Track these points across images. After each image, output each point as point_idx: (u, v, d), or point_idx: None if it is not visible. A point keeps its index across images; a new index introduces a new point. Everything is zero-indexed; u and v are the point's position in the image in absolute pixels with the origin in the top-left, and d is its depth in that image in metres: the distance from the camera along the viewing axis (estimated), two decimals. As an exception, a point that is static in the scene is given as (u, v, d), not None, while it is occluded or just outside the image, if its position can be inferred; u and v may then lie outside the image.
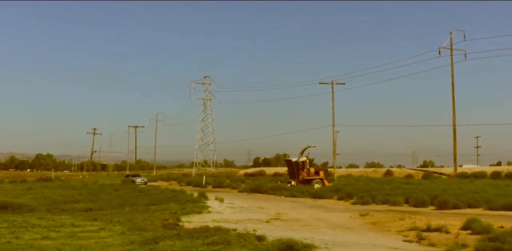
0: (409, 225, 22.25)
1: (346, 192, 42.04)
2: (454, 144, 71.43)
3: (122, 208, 31.36)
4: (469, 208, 30.27)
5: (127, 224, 21.94)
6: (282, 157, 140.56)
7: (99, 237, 17.77)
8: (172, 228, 20.21)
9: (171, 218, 24.88)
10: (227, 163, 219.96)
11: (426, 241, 17.75)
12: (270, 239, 15.02)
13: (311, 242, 14.42)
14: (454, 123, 71.03)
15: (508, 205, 28.74)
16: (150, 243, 15.21)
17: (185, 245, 14.56)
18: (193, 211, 29.68)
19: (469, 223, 20.16)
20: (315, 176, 56.16)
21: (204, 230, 18.14)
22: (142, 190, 52.13)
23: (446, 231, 19.80)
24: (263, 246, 13.51)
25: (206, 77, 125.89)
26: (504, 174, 65.02)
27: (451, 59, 71.40)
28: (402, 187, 47.38)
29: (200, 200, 37.94)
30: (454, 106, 71.00)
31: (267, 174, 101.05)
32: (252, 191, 53.95)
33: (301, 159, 56.36)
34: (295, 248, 13.25)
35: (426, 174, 74.27)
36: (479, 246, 15.36)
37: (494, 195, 34.27)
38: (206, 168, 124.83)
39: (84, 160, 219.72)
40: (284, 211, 30.65)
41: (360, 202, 36.32)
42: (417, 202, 32.97)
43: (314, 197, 43.19)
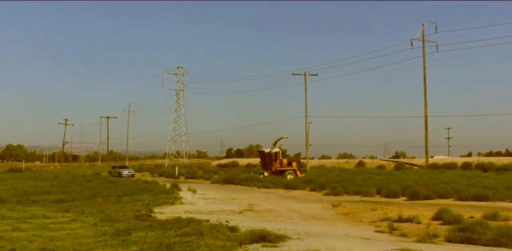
0: (381, 216, 22.44)
1: (318, 183, 42.20)
2: (425, 135, 72.06)
3: (94, 199, 31.12)
4: (440, 199, 30.55)
5: (99, 215, 21.78)
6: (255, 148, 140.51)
7: (71, 228, 17.62)
8: (144, 219, 20.12)
9: (144, 209, 24.78)
10: (200, 153, 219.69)
11: (398, 232, 17.90)
12: (243, 230, 15.01)
13: (283, 233, 14.43)
14: (425, 114, 71.65)
15: (478, 196, 29.07)
16: (122, 234, 15.13)
17: (158, 236, 14.50)
18: (165, 202, 29.58)
19: (440, 214, 20.38)
20: (288, 167, 56.26)
21: (177, 221, 18.07)
22: (114, 181, 51.86)
23: (418, 222, 20.01)
24: (236, 237, 13.49)
25: (179, 68, 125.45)
26: (474, 164, 65.70)
27: (423, 51, 72.02)
28: (374, 177, 47.69)
29: (172, 191, 37.82)
30: (425, 98, 71.60)
31: (240, 165, 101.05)
32: (225, 182, 53.97)
33: (274, 150, 56.39)
34: (267, 239, 13.26)
35: (398, 164, 74.82)
36: (450, 236, 15.53)
37: (465, 185, 34.63)
38: (178, 159, 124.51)
39: (55, 151, 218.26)
40: (257, 202, 30.68)
41: (333, 193, 36.49)
42: (389, 192, 33.23)
43: (286, 188, 43.31)
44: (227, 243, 12.58)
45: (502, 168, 60.13)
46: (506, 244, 13.50)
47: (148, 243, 13.31)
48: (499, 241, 13.84)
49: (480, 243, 14.20)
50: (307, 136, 72.16)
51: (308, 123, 72.27)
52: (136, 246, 12.88)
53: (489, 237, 14.30)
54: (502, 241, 13.73)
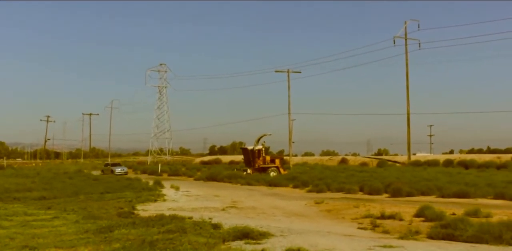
0: (364, 213, 22.51)
1: (301, 180, 42.27)
2: (408, 132, 72.32)
3: (76, 196, 31.03)
4: (422, 196, 30.69)
5: (81, 212, 21.71)
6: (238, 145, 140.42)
7: (53, 225, 17.56)
8: (127, 216, 20.08)
9: (126, 206, 24.71)
10: (183, 151, 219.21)
11: (380, 228, 17.96)
12: (226, 227, 15.01)
13: (266, 230, 14.45)
14: (408, 112, 71.89)
15: (460, 193, 29.23)
16: (104, 232, 15.09)
17: (140, 233, 14.47)
18: (148, 199, 29.53)
19: (422, 210, 20.48)
20: (271, 164, 56.35)
21: (160, 218, 18.05)
22: (97, 178, 51.69)
23: (400, 218, 20.09)
24: (219, 234, 13.49)
25: (161, 65, 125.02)
26: (456, 162, 66.04)
27: (406, 49, 72.10)
28: (357, 175, 47.84)
29: (155, 188, 37.77)
30: (408, 95, 71.80)
31: (223, 162, 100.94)
32: (208, 179, 53.96)
33: (257, 147, 56.45)
34: (250, 236, 13.26)
35: (381, 162, 75.06)
36: (432, 233, 15.60)
37: (447, 182, 34.79)
38: (161, 156, 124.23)
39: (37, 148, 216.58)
40: (240, 199, 30.69)
41: (316, 190, 36.55)
42: (371, 189, 33.35)
43: (270, 185, 43.35)
44: (210, 240, 12.57)
45: (484, 165, 60.49)
46: (487, 240, 13.58)
47: (130, 240, 13.28)
48: (480, 237, 13.93)
49: (462, 240, 14.29)
50: (290, 133, 72.36)
51: (291, 121, 72.46)
52: (119, 243, 12.84)
53: (471, 234, 14.38)
54: (484, 238, 13.82)
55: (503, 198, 27.65)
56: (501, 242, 13.26)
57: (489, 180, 36.00)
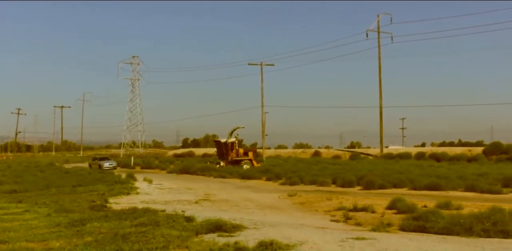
0: (337, 205, 22.62)
1: (274, 173, 42.37)
2: (380, 125, 72.81)
3: (48, 189, 30.76)
4: (395, 188, 30.91)
5: (53, 206, 21.52)
6: (211, 138, 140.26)
7: (24, 219, 17.38)
8: (99, 209, 19.94)
9: (99, 199, 24.55)
10: (156, 143, 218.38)
11: (353, 221, 18.07)
12: (199, 219, 14.98)
13: (240, 223, 14.45)
14: (380, 105, 72.36)
15: (431, 185, 29.50)
16: (77, 225, 14.97)
17: (113, 226, 14.39)
18: (121, 192, 29.38)
19: (394, 203, 20.64)
20: (244, 156, 56.45)
21: (132, 211, 17.97)
22: (68, 171, 51.32)
23: (372, 211, 20.22)
24: (192, 227, 13.46)
25: (134, 57, 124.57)
26: (428, 154, 66.70)
27: (378, 42, 72.57)
28: (330, 167, 48.04)
29: (128, 181, 37.60)
30: (380, 89, 72.28)
31: (196, 154, 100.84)
32: (181, 172, 53.93)
33: (230, 139, 56.50)
34: (223, 229, 13.25)
35: (353, 154, 75.55)
36: (404, 225, 15.72)
37: (418, 175, 35.10)
38: (134, 149, 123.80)
39: (8, 141, 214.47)
40: (213, 192, 30.66)
41: (289, 182, 36.66)
42: (344, 182, 33.53)
43: (243, 177, 43.41)
44: (183, 233, 12.54)
45: (455, 158, 61.23)
46: (458, 232, 13.71)
47: (103, 233, 13.20)
48: (451, 229, 14.05)
49: (433, 232, 14.40)
50: (263, 126, 72.40)
51: (264, 113, 72.50)
52: (91, 237, 12.76)
53: (442, 226, 14.51)
54: (454, 230, 13.94)
55: (474, 191, 27.96)
56: (472, 234, 13.39)
57: (460, 173, 36.38)
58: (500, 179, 30.92)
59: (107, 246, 11.12)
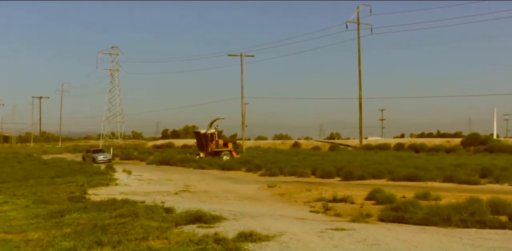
0: (316, 196, 22.73)
1: (254, 164, 42.46)
2: (360, 117, 73.08)
3: (26, 180, 30.56)
4: (374, 179, 31.09)
5: (31, 197, 21.39)
6: (191, 129, 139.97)
7: (2, 211, 17.26)
8: (78, 200, 19.85)
9: (77, 190, 24.45)
10: (135, 134, 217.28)
11: (332, 212, 18.14)
12: (179, 211, 14.96)
13: (219, 214, 14.45)
14: (360, 96, 72.59)
15: (410, 176, 29.70)
16: (55, 217, 14.90)
17: (92, 217, 14.33)
18: (100, 183, 29.29)
19: (373, 194, 20.76)
20: (224, 147, 56.50)
21: (111, 202, 17.91)
22: (47, 162, 51.04)
23: (351, 202, 20.31)
24: (172, 218, 13.44)
25: (113, 48, 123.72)
26: (407, 145, 67.11)
27: (358, 33, 72.72)
28: (310, 158, 48.22)
29: (107, 172, 37.51)
30: (360, 80, 72.51)
31: (176, 145, 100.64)
32: (161, 163, 53.86)
33: (210, 131, 56.49)
34: (203, 220, 13.24)
35: (333, 145, 75.77)
36: (383, 215, 15.82)
37: (397, 166, 35.35)
38: (113, 140, 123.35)
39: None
40: (192, 183, 30.66)
41: (268, 173, 36.74)
42: (323, 173, 33.65)
43: (222, 168, 43.45)
44: (162, 224, 12.52)
45: (433, 149, 61.65)
46: (436, 223, 13.81)
47: (82, 225, 13.15)
48: (429, 220, 14.16)
49: (412, 222, 14.51)
50: (243, 117, 72.33)
51: (244, 104, 72.46)
52: (70, 228, 12.71)
53: (420, 216, 14.61)
54: (433, 220, 14.05)
55: (452, 181, 28.19)
56: (450, 224, 13.50)
57: (438, 164, 36.68)
58: (477, 169, 31.24)
59: (86, 237, 11.07)
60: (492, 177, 28.61)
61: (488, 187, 26.19)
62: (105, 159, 60.08)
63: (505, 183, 27.24)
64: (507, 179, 27.78)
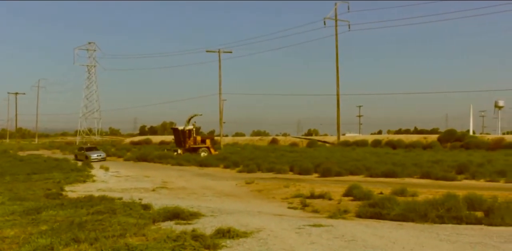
0: (294, 192, 22.77)
1: (232, 160, 42.47)
2: (337, 113, 73.31)
3: (2, 177, 30.31)
4: (351, 175, 31.23)
5: (7, 194, 21.18)
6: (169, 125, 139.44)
7: (-23, 208, 17.09)
8: (55, 197, 19.74)
9: (54, 187, 24.31)
10: (113, 131, 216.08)
11: (310, 208, 18.20)
12: (156, 207, 14.92)
13: (197, 210, 14.42)
14: (337, 92, 72.76)
15: (387, 172, 29.89)
16: (32, 213, 14.78)
17: (69, 214, 14.24)
18: (77, 180, 29.15)
19: (351, 190, 20.86)
20: (202, 144, 56.42)
21: (89, 199, 17.82)
22: (23, 158, 50.64)
23: (329, 198, 20.39)
24: (149, 215, 13.40)
25: (90, 43, 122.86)
26: (384, 142, 67.42)
27: (336, 30, 72.80)
28: (287, 155, 48.32)
29: (84, 169, 37.33)
30: (338, 76, 72.66)
31: (154, 142, 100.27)
32: (138, 160, 53.74)
33: (187, 127, 56.37)
34: (181, 216, 13.21)
35: (311, 142, 75.92)
36: (360, 211, 15.89)
37: (375, 162, 35.53)
38: (90, 136, 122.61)
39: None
40: (170, 180, 30.61)
41: (246, 170, 36.78)
42: (301, 169, 33.74)
43: (200, 165, 43.43)
44: (140, 221, 12.47)
45: (411, 145, 62.01)
46: (413, 219, 13.90)
47: (59, 222, 13.06)
48: (406, 216, 14.24)
49: (389, 218, 14.59)
50: (221, 113, 72.29)
51: (222, 101, 72.39)
52: (47, 225, 12.61)
53: (398, 212, 14.70)
54: (410, 216, 14.13)
55: (429, 177, 28.41)
56: (427, 220, 13.58)
57: (415, 160, 36.92)
58: (454, 166, 31.51)
59: (63, 234, 10.99)
60: (469, 173, 28.88)
61: (464, 183, 26.42)
62: (99, 158, 55.99)
63: (481, 179, 27.51)
64: (483, 175, 28.06)
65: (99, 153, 58.00)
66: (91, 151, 58.88)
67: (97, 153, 57.74)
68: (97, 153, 57.74)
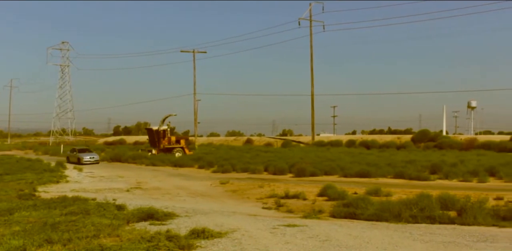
0: (268, 193, 22.80)
1: (207, 161, 42.40)
2: (312, 113, 73.43)
3: (-27, 178, 29.97)
4: (326, 175, 31.34)
5: (-21, 195, 20.98)
6: (143, 125, 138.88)
7: None
8: (28, 198, 19.56)
9: (27, 188, 24.09)
10: (86, 131, 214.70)
11: (285, 208, 18.23)
12: (130, 208, 14.86)
13: (171, 211, 14.40)
14: (312, 93, 72.92)
15: (361, 172, 30.03)
16: (4, 215, 14.64)
17: (42, 215, 14.12)
18: (50, 180, 28.92)
19: (325, 190, 20.94)
20: (176, 144, 56.29)
21: (62, 200, 17.70)
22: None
23: (304, 198, 20.44)
24: (123, 215, 13.34)
25: (64, 43, 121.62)
26: (358, 142, 67.77)
27: (310, 31, 72.98)
28: (262, 155, 48.35)
29: (57, 170, 37.03)
30: (312, 76, 72.83)
31: (128, 142, 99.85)
32: (112, 160, 53.44)
33: (162, 127, 56.19)
34: (155, 217, 13.19)
35: (285, 142, 76.09)
36: (334, 211, 15.96)
37: (349, 162, 35.67)
38: (64, 137, 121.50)
39: None
40: (144, 180, 30.49)
41: (221, 170, 36.74)
42: (276, 170, 33.78)
43: (175, 165, 43.31)
44: (114, 221, 12.41)
45: (384, 145, 62.46)
46: (387, 218, 13.99)
47: (31, 222, 12.94)
48: (380, 216, 14.33)
49: (363, 218, 14.67)
50: (196, 114, 72.15)
51: (196, 101, 72.27)
52: (19, 226, 12.49)
53: (372, 212, 14.79)
54: (384, 216, 14.23)
55: (403, 177, 28.60)
56: (400, 220, 13.68)
57: (389, 160, 37.14)
58: (427, 166, 31.74)
59: (36, 235, 10.90)
60: (442, 173, 29.10)
61: (437, 183, 26.64)
62: (92, 160, 52.07)
63: (454, 179, 27.75)
64: (456, 175, 28.29)
65: (92, 154, 54.12)
66: (84, 152, 54.78)
67: (90, 154, 53.83)
68: (90, 154, 53.83)
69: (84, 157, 51.74)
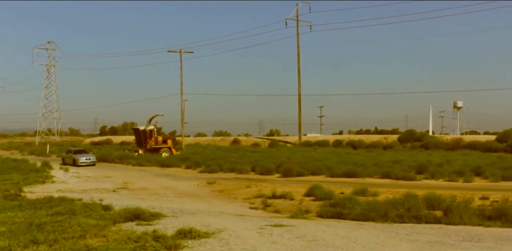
0: (255, 193, 22.82)
1: (194, 161, 42.36)
2: (299, 113, 73.50)
3: (-42, 179, 29.77)
4: (313, 175, 31.40)
5: (-36, 195, 20.85)
6: (130, 126, 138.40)
7: None
8: (13, 198, 19.44)
9: (13, 188, 23.94)
10: (73, 131, 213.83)
11: (272, 208, 18.24)
12: (117, 208, 14.81)
13: (158, 211, 14.37)
14: (299, 93, 72.98)
15: (348, 172, 30.12)
16: (-11, 215, 14.55)
17: (28, 216, 14.05)
18: (36, 181, 28.79)
19: (312, 190, 20.97)
20: (163, 144, 56.21)
21: (48, 200, 17.62)
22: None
23: (291, 198, 20.47)
24: (110, 216, 13.29)
25: (50, 43, 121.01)
26: (345, 142, 67.89)
27: (297, 31, 73.01)
28: (249, 155, 48.37)
29: (43, 170, 36.87)
30: (299, 76, 72.90)
31: (114, 142, 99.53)
32: (99, 160, 53.11)
33: (148, 127, 56.10)
34: (142, 217, 13.15)
35: (272, 142, 76.11)
36: (321, 211, 15.99)
37: (336, 162, 35.74)
38: (50, 137, 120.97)
39: None
40: (131, 180, 30.42)
41: (208, 170, 36.73)
42: (263, 170, 33.81)
43: (162, 165, 43.26)
44: (100, 222, 12.36)
45: (371, 145, 62.61)
46: (374, 218, 14.02)
47: (17, 223, 12.87)
48: (367, 215, 14.37)
49: (350, 218, 14.71)
50: (183, 114, 72.04)
51: (183, 101, 72.16)
52: (5, 227, 12.41)
53: (358, 212, 14.82)
54: (370, 216, 14.26)
55: (389, 177, 28.71)
56: (387, 220, 13.72)
57: (376, 160, 37.26)
58: (414, 166, 31.87)
59: (21, 236, 10.84)
60: (428, 173, 29.25)
61: (424, 183, 26.76)
62: (88, 161, 49.59)
63: (441, 179, 27.89)
64: (442, 174, 28.45)
65: (88, 156, 51.60)
66: (80, 153, 52.26)
67: (86, 156, 51.30)
68: (86, 156, 51.30)
69: (80, 158, 49.62)
